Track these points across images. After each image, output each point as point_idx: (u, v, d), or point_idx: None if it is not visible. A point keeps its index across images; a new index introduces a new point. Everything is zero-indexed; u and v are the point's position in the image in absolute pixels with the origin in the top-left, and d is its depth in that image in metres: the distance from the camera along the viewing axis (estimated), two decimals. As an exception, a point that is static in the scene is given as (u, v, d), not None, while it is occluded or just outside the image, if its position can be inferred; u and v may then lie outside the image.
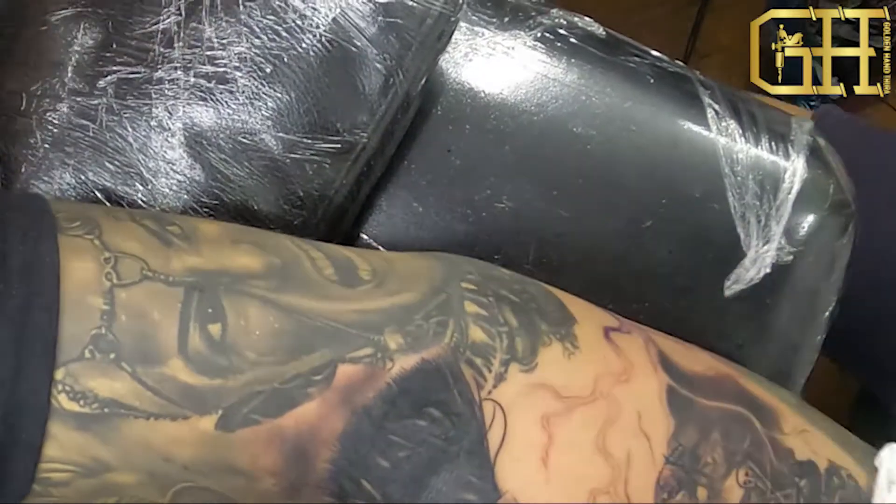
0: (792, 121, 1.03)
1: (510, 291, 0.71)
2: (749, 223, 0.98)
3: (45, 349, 0.55)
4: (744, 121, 0.99)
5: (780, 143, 0.99)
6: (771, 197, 0.98)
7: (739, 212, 0.97)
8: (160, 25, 0.80)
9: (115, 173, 0.79)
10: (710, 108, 0.99)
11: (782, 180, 0.98)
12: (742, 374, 0.79)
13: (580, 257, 0.96)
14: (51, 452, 0.57)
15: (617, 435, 0.68)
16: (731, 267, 0.98)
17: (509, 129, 0.96)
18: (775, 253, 0.98)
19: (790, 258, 0.98)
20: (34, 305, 0.56)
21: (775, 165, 0.99)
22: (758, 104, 1.02)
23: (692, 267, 0.98)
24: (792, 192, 0.98)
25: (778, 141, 0.99)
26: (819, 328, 1.03)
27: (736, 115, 0.99)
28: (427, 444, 0.64)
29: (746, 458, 0.72)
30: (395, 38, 0.84)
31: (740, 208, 0.97)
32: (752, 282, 0.98)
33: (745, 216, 0.97)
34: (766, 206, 0.98)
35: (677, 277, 0.97)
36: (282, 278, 0.63)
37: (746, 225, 0.98)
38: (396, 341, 0.64)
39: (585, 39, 1.00)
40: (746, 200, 0.97)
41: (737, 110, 1.00)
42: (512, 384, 0.66)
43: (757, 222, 0.98)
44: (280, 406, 0.61)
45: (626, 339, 0.74)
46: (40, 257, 0.57)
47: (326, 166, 0.83)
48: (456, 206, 0.95)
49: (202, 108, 0.80)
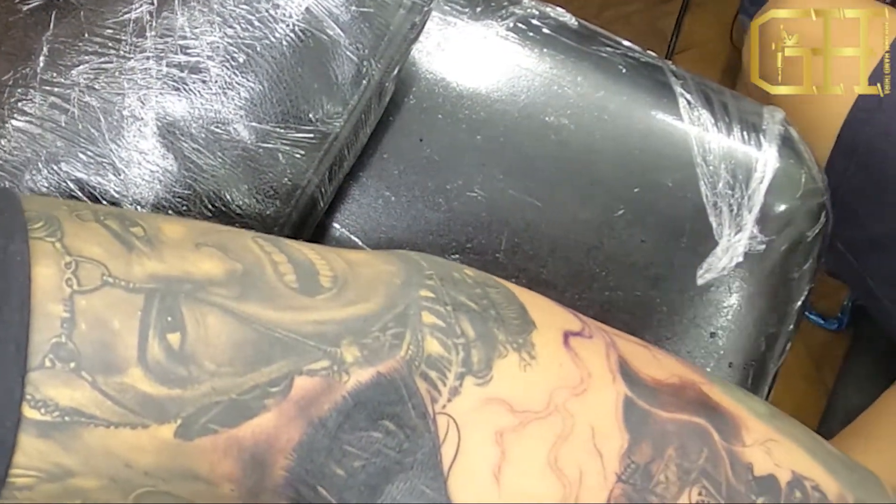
0: (764, 111, 1.03)
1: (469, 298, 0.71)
2: (721, 212, 0.98)
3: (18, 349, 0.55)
4: (716, 111, 1.00)
5: (753, 133, 1.00)
6: (743, 186, 0.98)
7: (712, 201, 0.98)
8: (132, 15, 0.80)
9: (88, 164, 0.79)
10: (682, 98, 1.00)
11: (754, 170, 0.99)
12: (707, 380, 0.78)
13: (552, 246, 0.96)
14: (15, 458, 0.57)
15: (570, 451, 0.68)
16: (704, 255, 0.99)
17: (482, 118, 0.96)
18: (747, 242, 0.98)
19: (762, 247, 0.99)
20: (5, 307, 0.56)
21: (747, 155, 0.99)
22: (730, 95, 1.03)
23: (665, 255, 0.98)
24: (764, 181, 0.99)
25: (750, 131, 1.00)
26: (791, 317, 1.03)
27: (708, 105, 1.00)
28: (382, 454, 0.64)
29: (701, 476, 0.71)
30: (367, 28, 0.84)
31: (712, 197, 0.98)
32: (724, 270, 0.99)
33: (717, 205, 0.98)
34: (739, 196, 0.98)
35: (650, 266, 0.98)
36: (243, 285, 0.63)
37: (719, 214, 0.98)
38: (353, 354, 0.64)
39: (558, 30, 1.00)
40: (719, 189, 0.98)
41: (709, 100, 1.00)
42: (466, 398, 0.66)
43: (729, 211, 0.98)
44: (238, 416, 0.61)
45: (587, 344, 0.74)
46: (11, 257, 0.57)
47: (299, 156, 0.83)
48: (428, 195, 0.95)
49: (175, 98, 0.80)
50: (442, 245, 0.94)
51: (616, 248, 0.97)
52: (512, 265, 0.93)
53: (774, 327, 1.03)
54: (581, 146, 0.97)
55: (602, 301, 0.89)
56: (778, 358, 1.05)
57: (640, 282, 0.98)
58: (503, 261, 0.94)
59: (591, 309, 0.96)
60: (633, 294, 0.98)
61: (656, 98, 1.00)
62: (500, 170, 0.96)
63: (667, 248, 0.98)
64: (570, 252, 0.96)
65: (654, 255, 0.98)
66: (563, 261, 0.96)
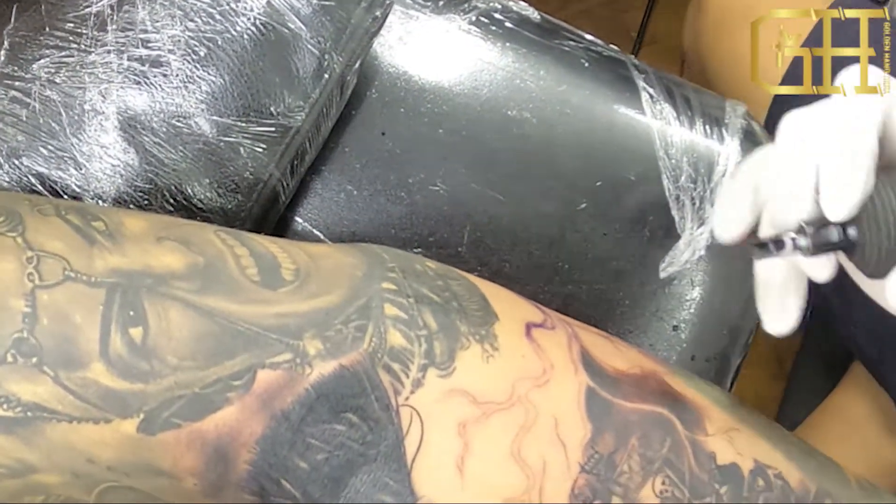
0: (726, 105, 1.04)
1: (431, 290, 0.71)
2: (684, 205, 0.98)
3: None
4: (678, 105, 1.00)
5: (715, 127, 1.00)
6: (705, 180, 0.99)
7: (674, 194, 0.98)
8: (93, 9, 0.79)
9: (49, 158, 0.79)
10: (644, 92, 1.00)
11: (717, 163, 0.99)
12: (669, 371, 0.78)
13: (515, 239, 0.96)
14: None
15: (533, 442, 0.69)
16: (666, 249, 0.99)
17: (444, 112, 0.97)
18: (710, 235, 0.99)
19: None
20: None
21: (709, 149, 1.00)
22: (693, 89, 1.03)
23: (627, 249, 0.98)
24: (726, 174, 0.99)
25: (712, 125, 1.00)
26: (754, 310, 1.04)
27: (670, 99, 1.00)
28: (345, 447, 0.65)
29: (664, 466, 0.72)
30: (329, 22, 0.84)
31: (675, 191, 0.98)
32: (686, 264, 0.99)
33: (679, 199, 0.98)
34: (701, 189, 0.98)
35: (612, 259, 0.98)
36: (205, 279, 0.63)
37: (681, 207, 0.98)
38: (315, 347, 0.64)
39: (520, 23, 1.00)
40: (681, 183, 0.98)
41: (671, 94, 1.01)
42: (429, 390, 0.67)
43: (692, 205, 0.98)
44: (200, 410, 0.61)
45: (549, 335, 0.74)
46: None
47: (260, 150, 0.83)
48: (390, 189, 0.95)
49: (136, 92, 0.80)
50: (404, 239, 0.94)
51: (578, 242, 0.97)
52: (474, 258, 0.93)
53: (737, 320, 1.03)
54: (543, 140, 0.97)
55: (564, 294, 0.90)
56: (741, 351, 1.05)
57: (602, 275, 0.98)
58: (465, 254, 0.94)
59: (554, 302, 0.96)
60: (595, 287, 0.98)
61: (619, 92, 1.00)
62: (462, 163, 0.96)
63: (629, 241, 0.98)
64: (533, 245, 0.96)
65: (617, 248, 0.98)
66: (525, 254, 0.96)
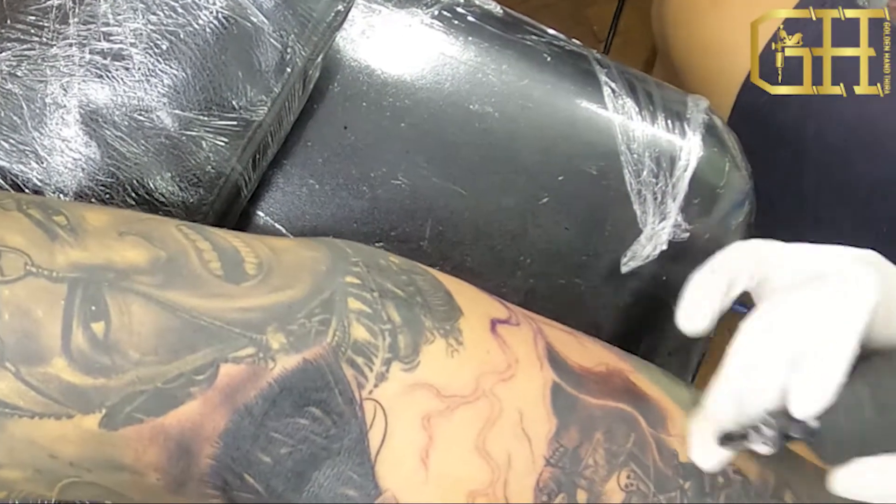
0: (688, 100, 1.04)
1: (395, 284, 0.71)
2: (645, 200, 0.99)
3: None
4: (640, 99, 1.00)
5: (677, 122, 1.01)
6: (667, 174, 0.99)
7: (636, 189, 0.99)
8: (55, 1, 0.79)
9: (10, 152, 0.78)
10: (606, 87, 1.00)
11: (678, 158, 1.00)
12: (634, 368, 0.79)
13: (477, 234, 0.97)
14: None
15: (497, 435, 0.69)
16: (628, 244, 0.99)
17: (406, 106, 0.97)
18: (672, 230, 0.99)
19: (686, 235, 1.00)
20: None
21: (671, 143, 1.00)
22: (655, 83, 1.04)
23: (589, 243, 0.99)
24: (688, 169, 1.00)
25: (674, 119, 1.01)
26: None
27: (632, 94, 1.01)
28: (308, 441, 0.65)
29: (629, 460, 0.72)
30: (291, 15, 0.84)
31: (637, 185, 0.99)
32: (648, 258, 1.00)
33: (641, 193, 0.99)
34: (663, 184, 0.99)
35: (574, 254, 0.98)
36: (167, 273, 0.63)
37: (643, 202, 0.99)
38: (279, 341, 0.64)
39: (483, 18, 1.01)
40: (643, 178, 0.99)
41: (633, 89, 1.01)
42: (393, 383, 0.67)
43: (653, 199, 0.99)
44: (163, 405, 0.61)
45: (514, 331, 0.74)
46: None
47: (222, 144, 0.83)
48: (352, 184, 0.95)
49: (97, 85, 0.80)
50: (366, 233, 0.95)
51: (540, 236, 0.98)
52: (436, 253, 0.93)
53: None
54: (505, 134, 0.97)
55: (526, 289, 0.90)
56: (702, 346, 1.06)
57: (564, 269, 0.98)
58: (427, 248, 0.95)
59: (516, 296, 0.96)
60: (557, 282, 0.98)
61: (581, 86, 1.00)
62: (424, 157, 0.96)
63: (591, 235, 0.99)
64: (494, 240, 0.97)
65: (578, 242, 0.99)
66: (487, 248, 0.97)
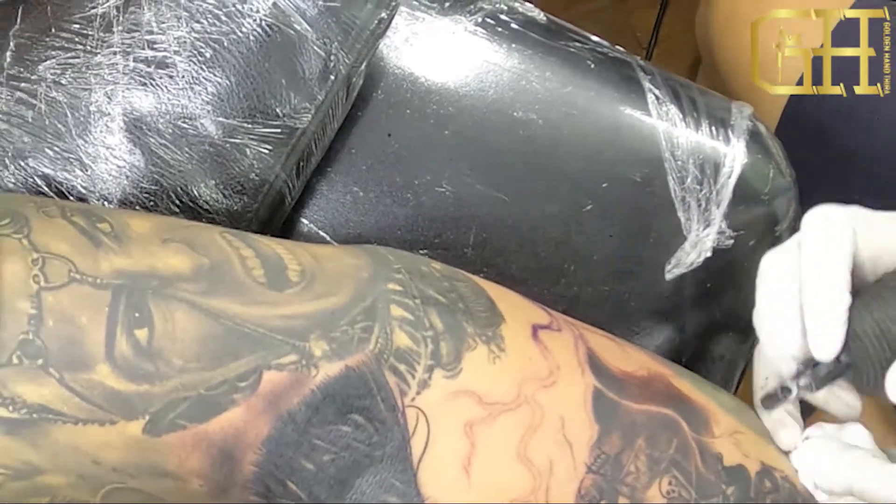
0: (732, 106, 1.03)
1: (437, 291, 0.71)
2: (689, 207, 0.98)
3: None
4: (684, 106, 1.00)
5: (721, 128, 1.00)
6: (711, 181, 0.98)
7: (680, 196, 0.98)
8: (99, 10, 0.79)
9: (55, 159, 0.79)
10: (650, 93, 1.00)
11: (723, 164, 0.99)
12: (676, 373, 0.79)
13: (520, 241, 0.96)
14: None
15: (539, 442, 0.69)
16: (672, 251, 0.99)
17: (450, 113, 0.96)
18: (716, 236, 0.99)
19: (730, 242, 0.99)
20: None
21: (715, 150, 1.00)
22: (699, 90, 1.03)
23: (633, 250, 0.98)
24: (732, 176, 0.99)
25: (718, 126, 1.00)
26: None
27: (676, 100, 1.00)
28: (351, 448, 0.65)
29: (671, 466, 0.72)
30: (335, 23, 0.84)
31: (681, 192, 0.98)
32: (692, 265, 0.99)
33: (685, 200, 0.98)
34: (707, 191, 0.98)
35: (618, 261, 0.98)
36: (210, 280, 0.63)
37: (687, 209, 0.98)
38: (321, 348, 0.64)
39: (526, 24, 1.00)
40: (687, 184, 0.98)
41: (677, 95, 1.01)
42: (435, 391, 0.67)
43: (697, 206, 0.98)
44: (206, 412, 0.61)
45: (555, 337, 0.74)
46: None
47: (266, 151, 0.83)
48: (396, 191, 0.95)
49: (141, 93, 0.80)
50: (410, 240, 0.94)
51: (584, 243, 0.97)
52: (480, 260, 0.93)
53: (743, 322, 1.03)
54: (549, 141, 0.97)
55: (570, 296, 0.89)
56: (747, 352, 1.05)
57: (608, 277, 0.98)
58: (471, 256, 0.94)
59: (559, 304, 0.96)
60: (601, 289, 0.98)
61: (624, 93, 1.00)
62: (468, 165, 0.96)
63: (635, 243, 0.98)
64: (538, 247, 0.96)
65: (622, 249, 0.98)
66: (530, 256, 0.96)
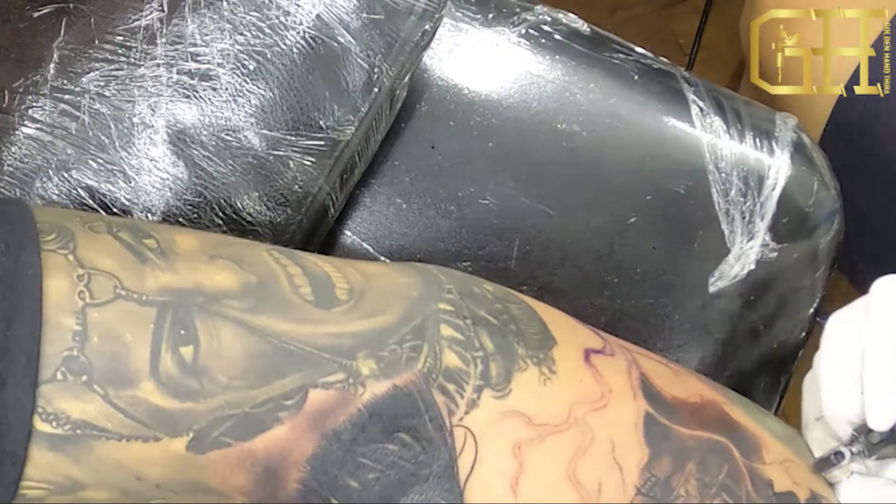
0: (777, 118, 1.03)
1: (489, 312, 0.70)
2: (733, 219, 0.98)
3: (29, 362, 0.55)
4: (728, 117, 0.99)
5: (765, 140, 1.00)
6: (755, 193, 0.98)
7: (724, 208, 0.97)
8: (142, 22, 0.80)
9: (98, 171, 0.79)
10: (694, 105, 0.99)
11: (767, 177, 0.98)
12: (728, 399, 0.78)
13: (564, 254, 0.96)
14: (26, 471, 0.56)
15: (588, 464, 0.68)
16: (716, 263, 0.98)
17: (493, 125, 0.96)
18: (759, 249, 0.98)
19: (774, 255, 0.98)
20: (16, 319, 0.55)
21: (760, 162, 0.99)
22: (742, 101, 1.03)
23: (676, 263, 0.98)
24: (776, 188, 0.98)
25: (762, 137, 1.00)
26: (803, 324, 1.03)
27: (720, 112, 0.99)
28: (397, 467, 0.64)
29: (721, 490, 0.71)
30: (378, 35, 0.84)
31: (724, 204, 0.97)
32: (736, 278, 0.98)
33: (729, 212, 0.98)
34: (751, 203, 0.98)
35: (661, 273, 0.97)
36: (257, 298, 0.63)
37: (731, 221, 0.98)
38: (369, 366, 0.63)
39: (570, 36, 1.00)
40: (731, 197, 0.98)
41: (721, 107, 1.00)
42: (484, 411, 0.66)
43: (741, 218, 0.98)
44: (251, 430, 0.61)
45: (608, 361, 0.73)
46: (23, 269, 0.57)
47: (310, 163, 0.83)
48: (440, 203, 0.95)
49: (185, 105, 0.80)
50: (453, 252, 0.94)
51: (627, 256, 0.97)
52: (523, 272, 0.93)
53: (787, 335, 1.02)
54: (592, 153, 0.97)
55: (613, 309, 0.89)
56: (790, 366, 1.05)
57: (651, 289, 0.98)
58: (515, 268, 0.94)
59: (603, 316, 0.96)
60: (644, 302, 0.97)
61: (668, 104, 1.00)
62: (511, 177, 0.96)
63: (678, 255, 0.98)
64: (582, 259, 0.96)
65: (666, 262, 0.98)
66: (574, 268, 0.96)
